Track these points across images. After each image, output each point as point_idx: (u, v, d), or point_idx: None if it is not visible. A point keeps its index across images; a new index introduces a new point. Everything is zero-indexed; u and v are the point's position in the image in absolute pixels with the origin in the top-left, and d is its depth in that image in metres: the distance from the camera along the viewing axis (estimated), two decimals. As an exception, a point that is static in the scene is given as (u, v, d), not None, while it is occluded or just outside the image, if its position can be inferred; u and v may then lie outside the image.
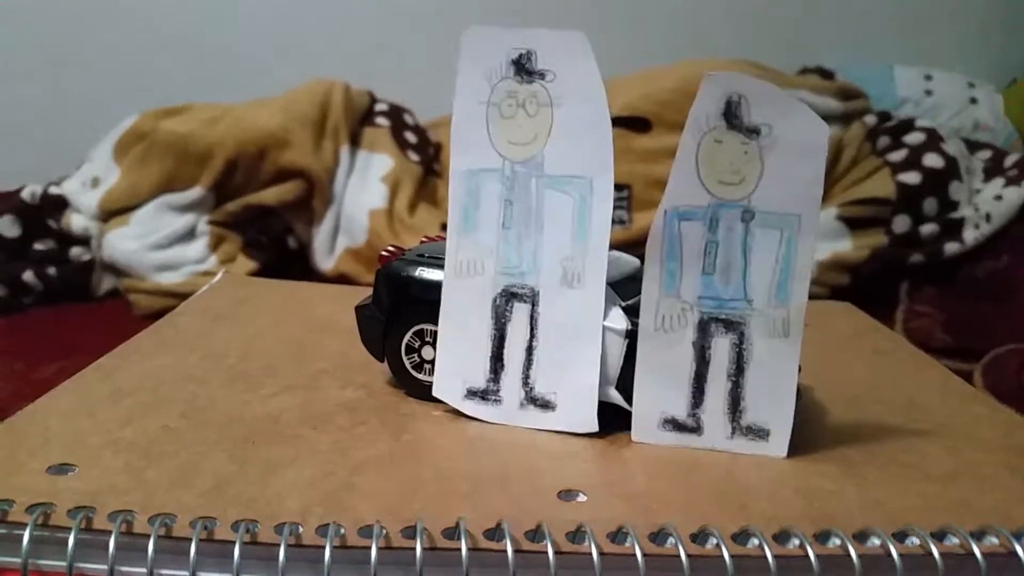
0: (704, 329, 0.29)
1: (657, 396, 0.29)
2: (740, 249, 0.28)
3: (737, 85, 0.27)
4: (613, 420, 0.30)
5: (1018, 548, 0.23)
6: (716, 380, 0.29)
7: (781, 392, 0.28)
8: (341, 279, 0.64)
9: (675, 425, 0.29)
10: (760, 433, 0.29)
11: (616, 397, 0.30)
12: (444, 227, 0.31)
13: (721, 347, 0.29)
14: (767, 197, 0.27)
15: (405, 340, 0.33)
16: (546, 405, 0.31)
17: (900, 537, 0.24)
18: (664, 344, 0.29)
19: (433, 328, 0.32)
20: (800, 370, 0.30)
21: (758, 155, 0.27)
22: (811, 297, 0.27)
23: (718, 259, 0.28)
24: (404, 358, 0.33)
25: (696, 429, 0.29)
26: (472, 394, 0.31)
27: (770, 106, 0.27)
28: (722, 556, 0.22)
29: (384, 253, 0.34)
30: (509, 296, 0.31)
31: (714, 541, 0.23)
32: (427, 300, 0.32)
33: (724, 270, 0.28)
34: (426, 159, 0.71)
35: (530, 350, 0.31)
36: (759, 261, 0.28)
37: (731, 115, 0.27)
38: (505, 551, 0.22)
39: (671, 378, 0.29)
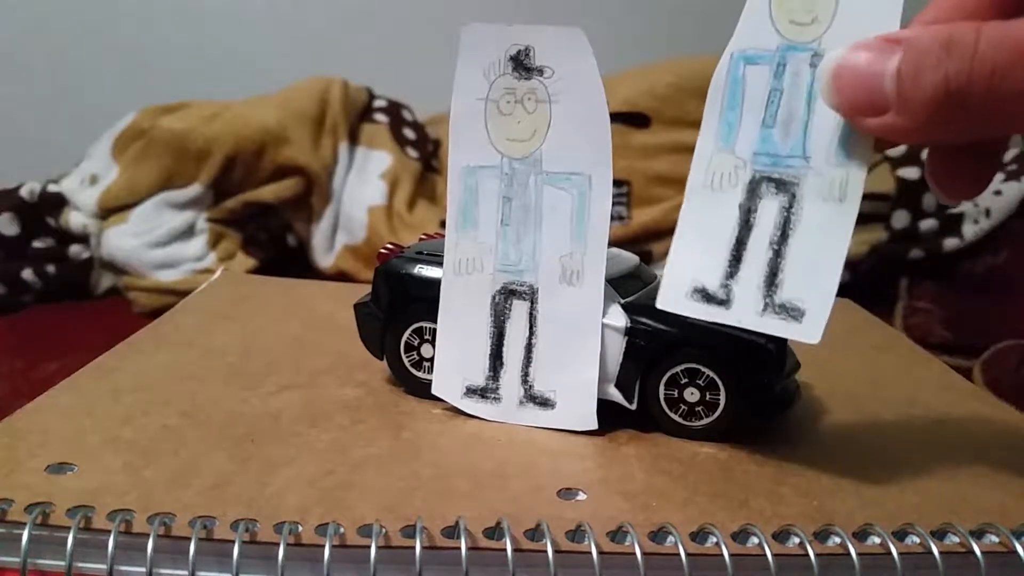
0: (754, 190, 0.26)
1: (691, 262, 0.27)
2: (805, 98, 0.25)
3: None
4: (612, 418, 0.30)
5: (1018, 546, 0.23)
6: (756, 248, 0.26)
7: (825, 267, 0.25)
8: (340, 276, 0.63)
9: (704, 296, 0.27)
10: (794, 313, 0.26)
11: (616, 395, 0.30)
12: (443, 224, 0.31)
13: (768, 211, 0.26)
14: (839, 37, 0.25)
15: (404, 338, 0.33)
16: (545, 403, 0.30)
17: (900, 535, 0.24)
18: (709, 204, 0.27)
19: (432, 326, 0.32)
20: (799, 366, 0.30)
21: None
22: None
23: (780, 110, 0.26)
24: (403, 356, 0.33)
25: (725, 302, 0.27)
26: (471, 392, 0.31)
27: None
28: (722, 554, 0.22)
29: (383, 251, 0.34)
30: (508, 293, 0.31)
31: (714, 539, 0.23)
32: (426, 298, 0.32)
33: (785, 123, 0.26)
34: (425, 156, 0.71)
35: (529, 348, 0.31)
36: (824, 111, 0.25)
37: None
38: (505, 550, 0.22)
39: (709, 243, 0.27)
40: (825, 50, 0.25)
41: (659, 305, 0.28)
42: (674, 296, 0.28)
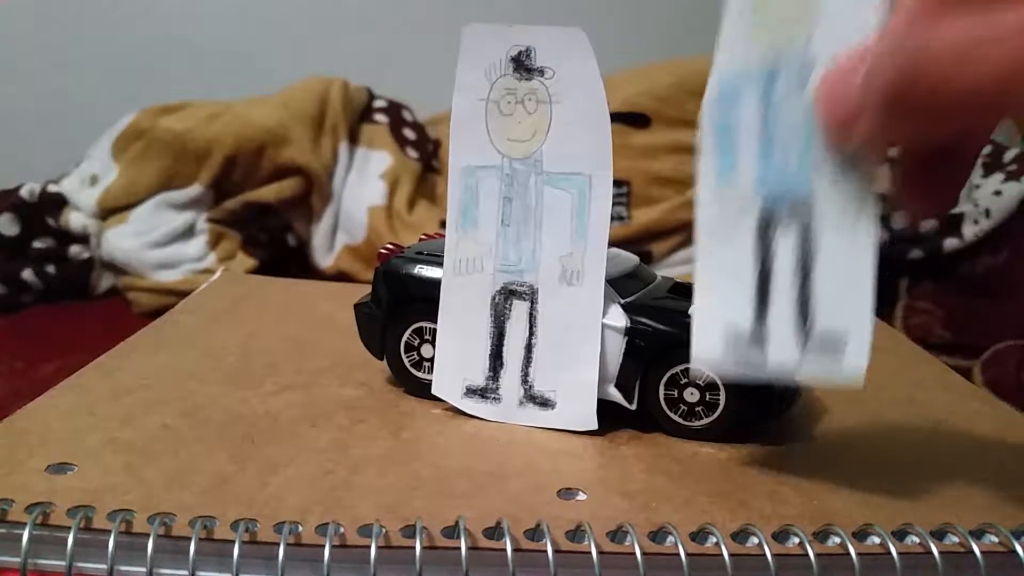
0: (766, 223, 0.25)
1: (719, 307, 0.25)
2: (800, 117, 0.24)
3: None
4: (612, 418, 0.30)
5: (1017, 546, 0.23)
6: (781, 282, 0.24)
7: (856, 291, 0.24)
8: (340, 277, 0.64)
9: (738, 338, 0.25)
10: (835, 345, 0.24)
11: (615, 395, 0.30)
12: (443, 224, 0.31)
13: (785, 242, 0.24)
14: (824, 48, 0.23)
15: (404, 338, 0.33)
16: (545, 403, 0.30)
17: (899, 535, 0.24)
18: (723, 246, 0.25)
19: (432, 326, 0.32)
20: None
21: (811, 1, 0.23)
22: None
23: (776, 135, 0.24)
24: (403, 356, 0.33)
25: (761, 342, 0.25)
26: (471, 392, 0.31)
27: None
28: (722, 554, 0.22)
29: (383, 251, 0.34)
30: (508, 294, 0.31)
31: (714, 539, 0.23)
32: (426, 298, 0.32)
33: (784, 147, 0.24)
34: (425, 156, 0.71)
35: (529, 348, 0.31)
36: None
37: None
38: (504, 550, 0.22)
39: (732, 285, 0.25)
40: (813, 59, 0.23)
41: (694, 365, 0.26)
42: (707, 353, 0.26)
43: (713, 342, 0.25)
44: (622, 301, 0.30)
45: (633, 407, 0.30)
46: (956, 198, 0.25)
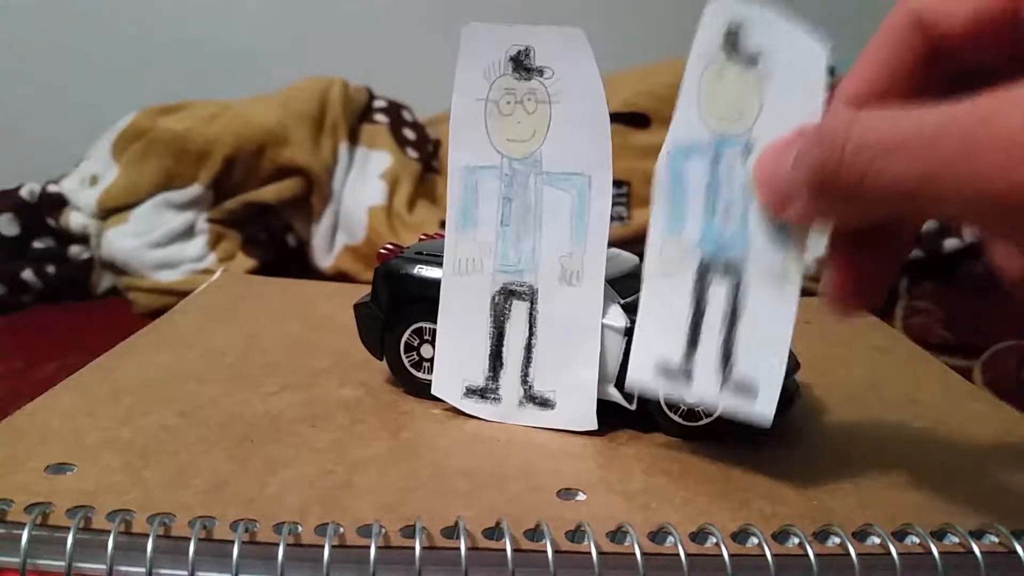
0: (703, 275, 0.27)
1: (655, 342, 0.28)
2: (740, 188, 0.26)
3: (738, 12, 0.26)
4: (612, 418, 0.30)
5: (1018, 547, 0.23)
6: (710, 330, 0.27)
7: (773, 349, 0.26)
8: (340, 277, 0.63)
9: (668, 374, 0.28)
10: (748, 391, 0.27)
11: (615, 395, 0.30)
12: (443, 224, 0.31)
13: (717, 295, 0.27)
14: (767, 129, 0.26)
15: (404, 338, 0.33)
16: (545, 403, 0.30)
17: (899, 536, 0.24)
18: (664, 289, 0.28)
19: (432, 326, 0.32)
20: (799, 366, 0.30)
21: (757, 87, 0.26)
22: (810, 294, 0.27)
23: (719, 200, 0.27)
24: (403, 356, 0.33)
25: (688, 380, 0.28)
26: (471, 392, 0.31)
27: (766, 32, 0.25)
28: (721, 555, 0.22)
29: (383, 251, 0.34)
30: (508, 294, 0.31)
31: (713, 540, 0.23)
32: (426, 298, 0.32)
33: (725, 211, 0.27)
34: (425, 156, 0.71)
35: (529, 348, 0.31)
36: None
37: (731, 45, 0.26)
38: (504, 550, 0.22)
39: (669, 325, 0.28)
40: (755, 141, 0.26)
41: (628, 385, 0.29)
42: (640, 375, 0.28)
43: (645, 369, 0.28)
44: (622, 301, 0.30)
45: (633, 407, 0.30)
46: (884, 292, 0.25)
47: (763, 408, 0.26)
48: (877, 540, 0.23)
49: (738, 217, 0.27)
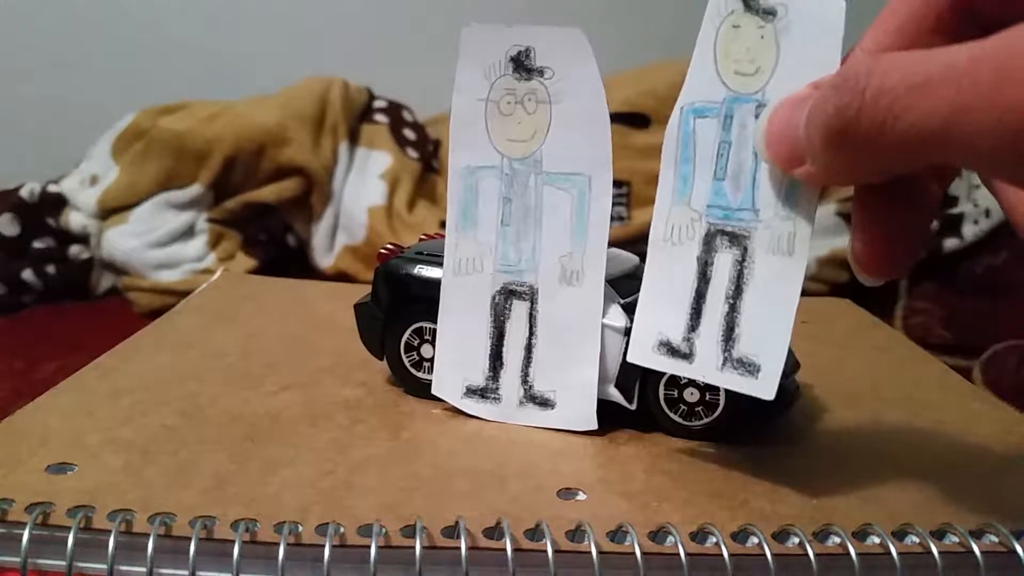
0: (709, 243, 0.27)
1: (656, 316, 0.28)
2: (752, 150, 0.25)
3: None
4: (612, 418, 0.30)
5: (1017, 547, 0.23)
6: (714, 302, 0.27)
7: (777, 323, 0.26)
8: (340, 277, 0.63)
9: (669, 349, 0.27)
10: (750, 368, 0.26)
11: (615, 395, 0.30)
12: (443, 224, 0.31)
13: (723, 264, 0.26)
14: (781, 86, 0.25)
15: (404, 338, 0.33)
16: (545, 403, 0.30)
17: (899, 535, 0.24)
18: (670, 258, 0.27)
19: (432, 326, 0.32)
20: (799, 366, 0.30)
21: (773, 40, 0.25)
22: (810, 294, 0.27)
23: (730, 162, 0.26)
24: (403, 356, 0.33)
25: (688, 356, 0.27)
26: (471, 392, 0.31)
27: None
28: (721, 554, 0.22)
29: (383, 251, 0.34)
30: (508, 294, 0.31)
31: (713, 539, 0.23)
32: (426, 298, 0.32)
33: (735, 175, 0.26)
34: (425, 156, 0.71)
35: (529, 348, 0.31)
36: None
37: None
38: (504, 550, 0.22)
39: (672, 297, 0.27)
40: (769, 100, 0.25)
41: (629, 358, 0.28)
42: (641, 350, 0.28)
43: (646, 346, 0.28)
44: (622, 301, 0.30)
45: (633, 407, 0.30)
46: (911, 256, 0.24)
47: (766, 384, 0.26)
48: (877, 540, 0.23)
49: (748, 182, 0.26)
